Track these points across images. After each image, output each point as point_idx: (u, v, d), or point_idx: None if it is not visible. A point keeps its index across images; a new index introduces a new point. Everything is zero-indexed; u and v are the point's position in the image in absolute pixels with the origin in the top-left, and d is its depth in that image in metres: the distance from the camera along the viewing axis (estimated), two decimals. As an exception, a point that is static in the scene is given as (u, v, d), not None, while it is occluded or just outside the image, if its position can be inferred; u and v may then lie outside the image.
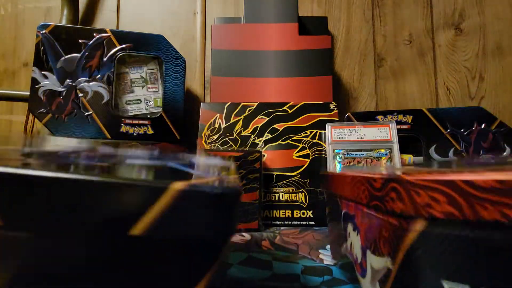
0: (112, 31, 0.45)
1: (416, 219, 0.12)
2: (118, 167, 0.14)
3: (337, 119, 0.44)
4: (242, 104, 0.45)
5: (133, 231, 0.10)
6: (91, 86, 0.42)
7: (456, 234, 0.11)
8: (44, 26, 0.43)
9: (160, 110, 0.46)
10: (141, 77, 0.48)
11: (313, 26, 0.53)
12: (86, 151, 0.19)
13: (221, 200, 0.10)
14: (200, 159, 0.21)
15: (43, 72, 0.41)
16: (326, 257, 0.27)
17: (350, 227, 0.19)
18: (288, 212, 0.41)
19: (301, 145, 0.43)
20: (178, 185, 0.10)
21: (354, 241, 0.19)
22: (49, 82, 0.41)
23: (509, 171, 0.10)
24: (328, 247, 0.30)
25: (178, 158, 0.20)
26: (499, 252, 0.10)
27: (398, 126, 0.45)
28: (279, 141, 0.43)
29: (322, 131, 0.43)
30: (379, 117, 0.47)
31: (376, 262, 0.15)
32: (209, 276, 0.10)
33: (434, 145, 0.44)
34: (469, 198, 0.10)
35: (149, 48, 0.46)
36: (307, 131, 0.43)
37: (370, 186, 0.15)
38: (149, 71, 0.49)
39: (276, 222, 0.40)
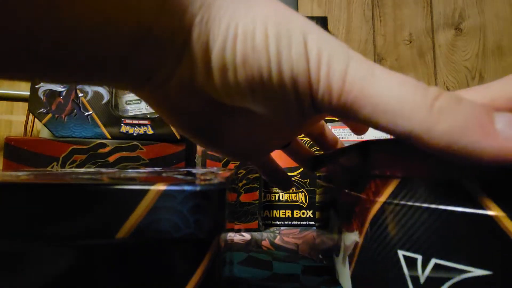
0: (112, 31, 0.45)
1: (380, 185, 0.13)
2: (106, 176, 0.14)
3: (337, 119, 0.44)
4: (242, 104, 0.45)
5: (119, 235, 0.10)
6: (91, 86, 0.42)
7: (410, 205, 0.12)
8: (44, 26, 0.43)
9: (160, 110, 0.46)
10: (141, 77, 0.48)
11: (313, 26, 0.53)
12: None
13: (202, 198, 0.10)
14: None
15: (43, 72, 0.41)
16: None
17: (332, 211, 0.20)
18: (288, 212, 0.41)
19: (301, 145, 0.43)
20: (159, 186, 0.10)
21: (334, 223, 0.19)
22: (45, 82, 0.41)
23: None
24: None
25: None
26: (448, 223, 0.11)
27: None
28: (279, 141, 0.43)
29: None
30: None
31: (348, 239, 0.16)
32: (200, 274, 0.10)
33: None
34: (421, 158, 0.12)
35: (149, 48, 0.46)
36: (307, 131, 0.43)
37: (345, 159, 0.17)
38: (149, 71, 0.49)
39: (276, 222, 0.41)
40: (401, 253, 0.12)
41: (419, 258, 0.11)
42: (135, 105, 0.47)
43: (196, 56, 0.11)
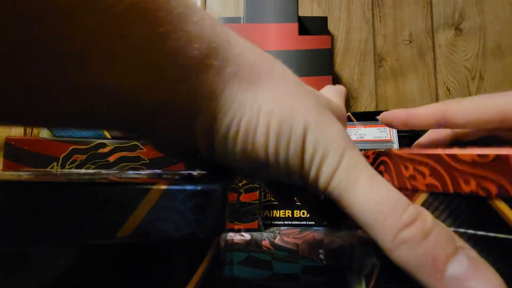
0: (112, 31, 0.45)
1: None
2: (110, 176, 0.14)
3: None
4: (242, 104, 0.45)
5: (121, 233, 0.10)
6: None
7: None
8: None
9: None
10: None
11: (313, 26, 0.53)
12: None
13: (203, 197, 0.10)
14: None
15: (43, 72, 0.41)
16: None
17: (343, 225, 0.20)
18: (288, 212, 0.41)
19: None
20: (160, 185, 0.10)
21: (346, 237, 0.19)
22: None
23: (490, 147, 0.10)
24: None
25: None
26: (476, 240, 0.10)
27: (398, 126, 0.44)
28: (279, 141, 0.43)
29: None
30: (379, 117, 0.47)
31: (364, 258, 0.15)
32: (201, 274, 0.10)
33: (434, 145, 0.44)
34: (452, 171, 0.11)
35: (149, 48, 0.46)
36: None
37: None
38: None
39: (276, 222, 0.40)
40: None
41: None
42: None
43: (199, 137, 0.12)
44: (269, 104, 0.12)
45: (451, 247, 0.10)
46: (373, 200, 0.11)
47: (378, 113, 0.48)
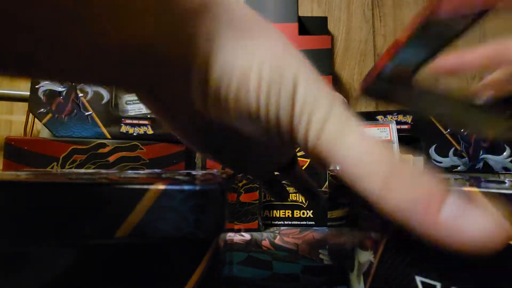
0: (112, 31, 0.45)
1: None
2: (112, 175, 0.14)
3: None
4: (242, 104, 0.45)
5: (119, 233, 0.10)
6: (91, 86, 0.42)
7: None
8: (44, 26, 0.42)
9: (160, 110, 0.45)
10: (141, 77, 0.48)
11: (313, 26, 0.53)
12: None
13: (202, 197, 0.10)
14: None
15: (43, 72, 0.41)
16: (326, 257, 0.27)
17: (345, 223, 0.20)
18: (288, 212, 0.41)
19: (301, 145, 0.43)
20: (158, 185, 0.10)
21: (348, 236, 0.19)
22: (49, 82, 0.41)
23: None
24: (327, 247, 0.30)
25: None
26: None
27: (398, 126, 0.45)
28: (279, 141, 0.43)
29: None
30: (379, 117, 0.47)
31: (362, 256, 0.16)
32: (200, 274, 0.10)
33: (434, 145, 0.44)
34: None
35: (149, 48, 0.46)
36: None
37: None
38: (149, 71, 0.49)
39: (276, 222, 0.40)
40: (418, 279, 0.11)
41: (438, 285, 0.11)
42: (135, 105, 0.47)
43: (194, 87, 0.12)
44: (261, 55, 0.12)
45: (443, 189, 0.10)
46: (363, 148, 0.11)
47: (378, 113, 0.48)
